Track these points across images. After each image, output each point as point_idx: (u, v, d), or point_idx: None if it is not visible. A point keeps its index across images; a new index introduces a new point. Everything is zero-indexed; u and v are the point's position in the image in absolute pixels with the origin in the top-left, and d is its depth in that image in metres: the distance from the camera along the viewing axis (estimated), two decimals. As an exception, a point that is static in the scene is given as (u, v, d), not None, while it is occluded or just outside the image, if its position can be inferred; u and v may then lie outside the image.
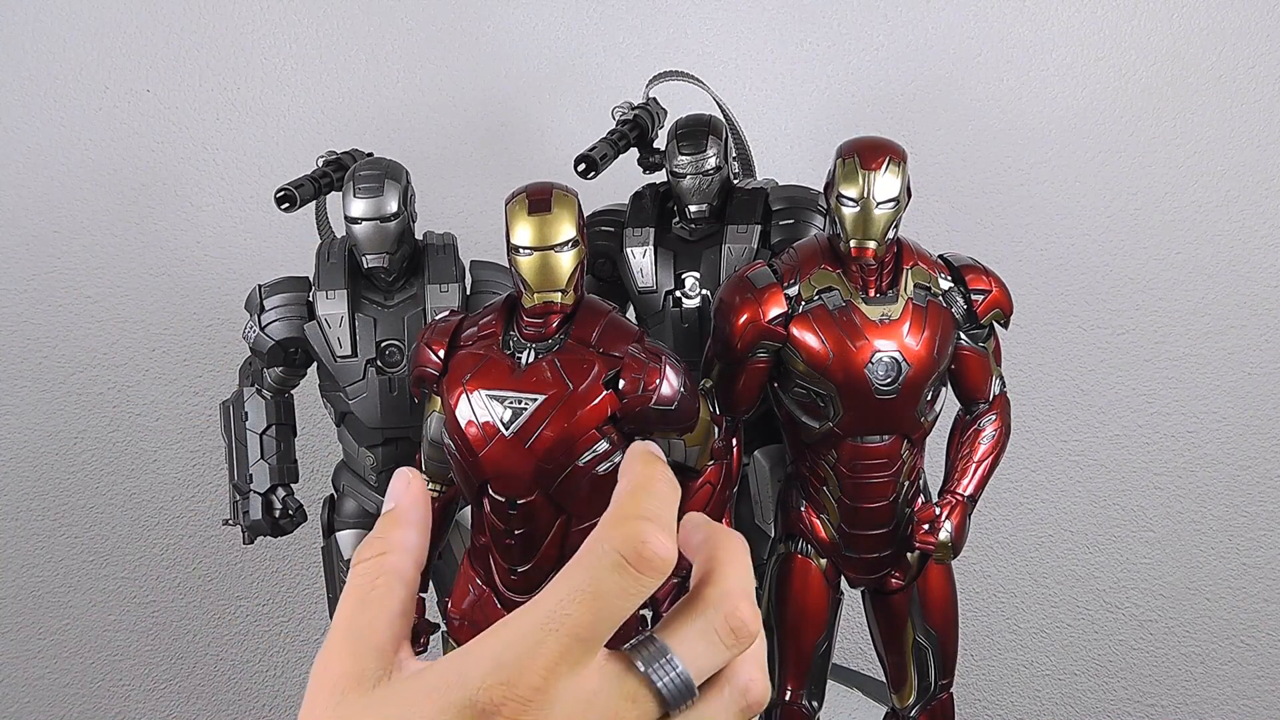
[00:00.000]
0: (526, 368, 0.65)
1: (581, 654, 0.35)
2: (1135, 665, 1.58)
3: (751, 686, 0.39)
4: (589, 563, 0.36)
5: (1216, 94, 1.41)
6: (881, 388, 0.89)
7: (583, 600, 0.36)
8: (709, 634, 0.38)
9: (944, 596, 1.01)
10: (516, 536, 0.64)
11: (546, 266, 0.65)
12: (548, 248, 0.66)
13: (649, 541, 0.36)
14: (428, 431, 0.71)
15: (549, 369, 0.64)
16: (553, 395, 0.63)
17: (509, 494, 0.64)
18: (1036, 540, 1.57)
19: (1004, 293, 0.94)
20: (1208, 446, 1.50)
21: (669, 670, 0.37)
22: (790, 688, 1.00)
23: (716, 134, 1.03)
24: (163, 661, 1.63)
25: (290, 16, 1.46)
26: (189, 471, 1.57)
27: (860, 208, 0.87)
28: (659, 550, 0.36)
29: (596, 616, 0.36)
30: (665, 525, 0.37)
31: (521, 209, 0.67)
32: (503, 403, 0.63)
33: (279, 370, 1.08)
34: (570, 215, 0.67)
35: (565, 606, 0.36)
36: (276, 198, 1.01)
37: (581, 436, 0.63)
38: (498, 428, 0.63)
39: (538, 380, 0.64)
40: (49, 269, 1.50)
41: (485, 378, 0.65)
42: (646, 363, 0.66)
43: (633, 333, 0.68)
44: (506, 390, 0.64)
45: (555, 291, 0.66)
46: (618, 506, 0.38)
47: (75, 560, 1.58)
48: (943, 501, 0.94)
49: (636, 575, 0.36)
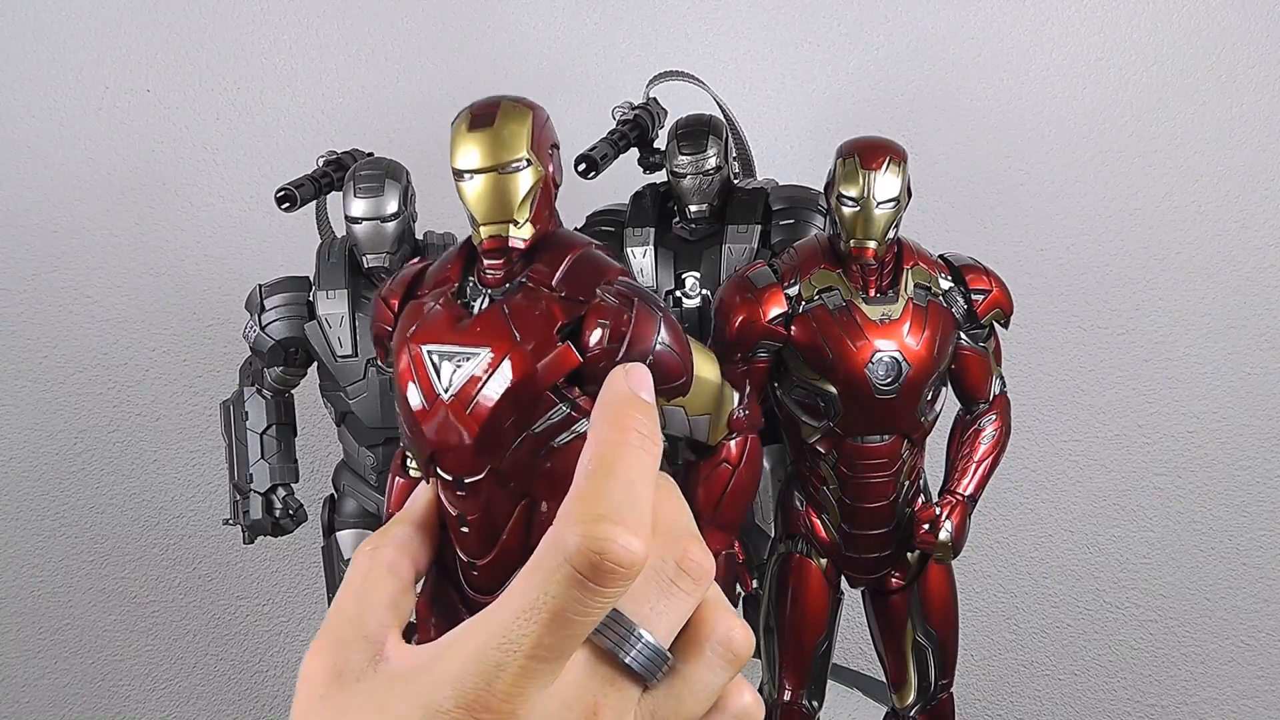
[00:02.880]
0: (473, 318, 0.52)
1: (547, 672, 0.33)
2: (1135, 665, 1.58)
3: (733, 636, 0.36)
4: (543, 574, 0.33)
5: (1216, 94, 1.41)
6: (882, 388, 0.89)
7: (539, 619, 0.32)
8: (666, 587, 0.35)
9: (944, 596, 1.01)
10: (471, 524, 0.51)
11: (494, 191, 0.53)
12: (491, 168, 0.53)
13: (609, 550, 0.32)
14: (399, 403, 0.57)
15: (495, 317, 0.52)
16: (497, 349, 0.51)
17: (455, 471, 0.51)
18: (1036, 540, 1.57)
19: (1004, 293, 0.94)
20: (1208, 446, 1.50)
21: (636, 643, 0.34)
22: (790, 688, 1.00)
23: (716, 134, 1.04)
24: (163, 661, 1.63)
25: (290, 16, 1.46)
26: (189, 471, 1.57)
27: (860, 208, 0.87)
28: (622, 557, 0.32)
29: (557, 635, 0.32)
30: (633, 518, 0.33)
31: (460, 126, 0.54)
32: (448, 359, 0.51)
33: (279, 370, 1.08)
34: (521, 129, 0.53)
35: (522, 625, 0.32)
36: (277, 197, 1.01)
37: (534, 399, 0.50)
38: (438, 391, 0.51)
39: (483, 331, 0.51)
40: (49, 269, 1.50)
41: (429, 330, 0.52)
42: (615, 307, 0.52)
43: (607, 270, 0.54)
44: (447, 344, 0.51)
45: (505, 223, 0.53)
46: (575, 497, 0.34)
47: (75, 560, 1.58)
48: (943, 501, 0.95)
49: (597, 590, 0.32)
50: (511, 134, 0.53)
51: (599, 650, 0.34)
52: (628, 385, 0.38)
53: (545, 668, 0.33)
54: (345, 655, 0.37)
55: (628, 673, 0.34)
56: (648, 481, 0.35)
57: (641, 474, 0.34)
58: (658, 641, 0.35)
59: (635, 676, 0.35)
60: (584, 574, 0.32)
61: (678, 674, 0.36)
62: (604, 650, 0.34)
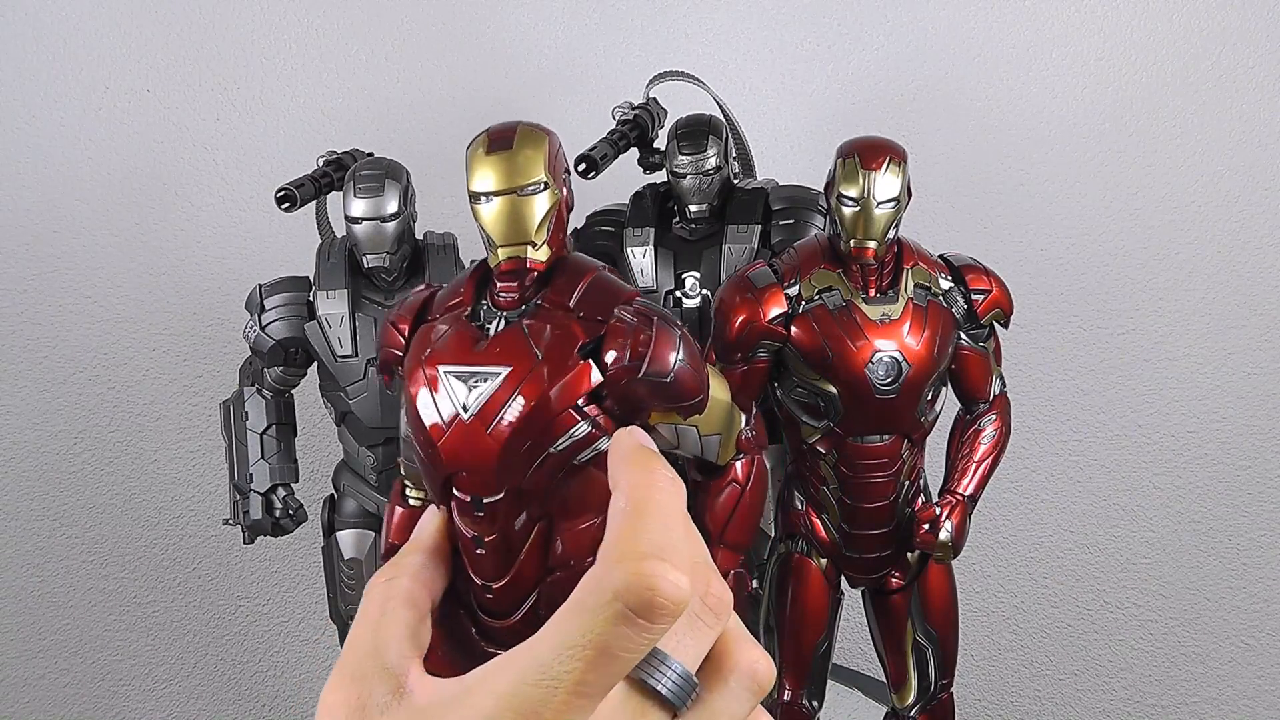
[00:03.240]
0: (491, 338, 0.53)
1: (587, 709, 0.32)
2: (1135, 665, 1.58)
3: (757, 667, 0.37)
4: (589, 611, 0.32)
5: (1217, 94, 1.41)
6: (882, 388, 0.89)
7: (584, 656, 0.32)
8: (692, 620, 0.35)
9: (944, 596, 1.01)
10: (488, 545, 0.52)
11: (512, 213, 0.54)
12: (509, 191, 0.54)
13: (659, 587, 0.32)
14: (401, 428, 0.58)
15: (515, 338, 0.53)
16: (518, 368, 0.52)
17: (474, 492, 0.52)
18: (1036, 540, 1.57)
19: (1004, 293, 0.94)
20: (1208, 446, 1.50)
21: (669, 672, 0.34)
22: (790, 688, 1.00)
23: (716, 134, 1.04)
24: (163, 661, 1.63)
25: (290, 16, 1.46)
26: (189, 471, 1.57)
27: (860, 207, 0.87)
28: (671, 594, 0.32)
29: (602, 672, 0.32)
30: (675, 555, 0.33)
31: (478, 149, 0.56)
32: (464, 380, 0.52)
33: (279, 370, 1.08)
34: (539, 154, 0.55)
35: (565, 662, 0.32)
36: (277, 197, 1.01)
37: (555, 417, 0.51)
38: (457, 411, 0.52)
39: (502, 351, 0.52)
40: (49, 269, 1.50)
41: (446, 352, 0.53)
42: (635, 325, 0.53)
43: (622, 293, 0.55)
44: (466, 365, 0.52)
45: (523, 245, 0.54)
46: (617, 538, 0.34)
47: (75, 560, 1.58)
48: (943, 501, 0.95)
49: (646, 626, 0.32)
50: (528, 158, 0.55)
51: (632, 680, 0.34)
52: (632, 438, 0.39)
53: (585, 704, 0.32)
54: (367, 689, 0.36)
55: (659, 701, 0.35)
56: (681, 520, 0.35)
57: (675, 513, 0.35)
58: (688, 670, 0.35)
59: (667, 705, 0.35)
60: (635, 610, 0.32)
61: (703, 703, 0.36)
62: (636, 680, 0.34)
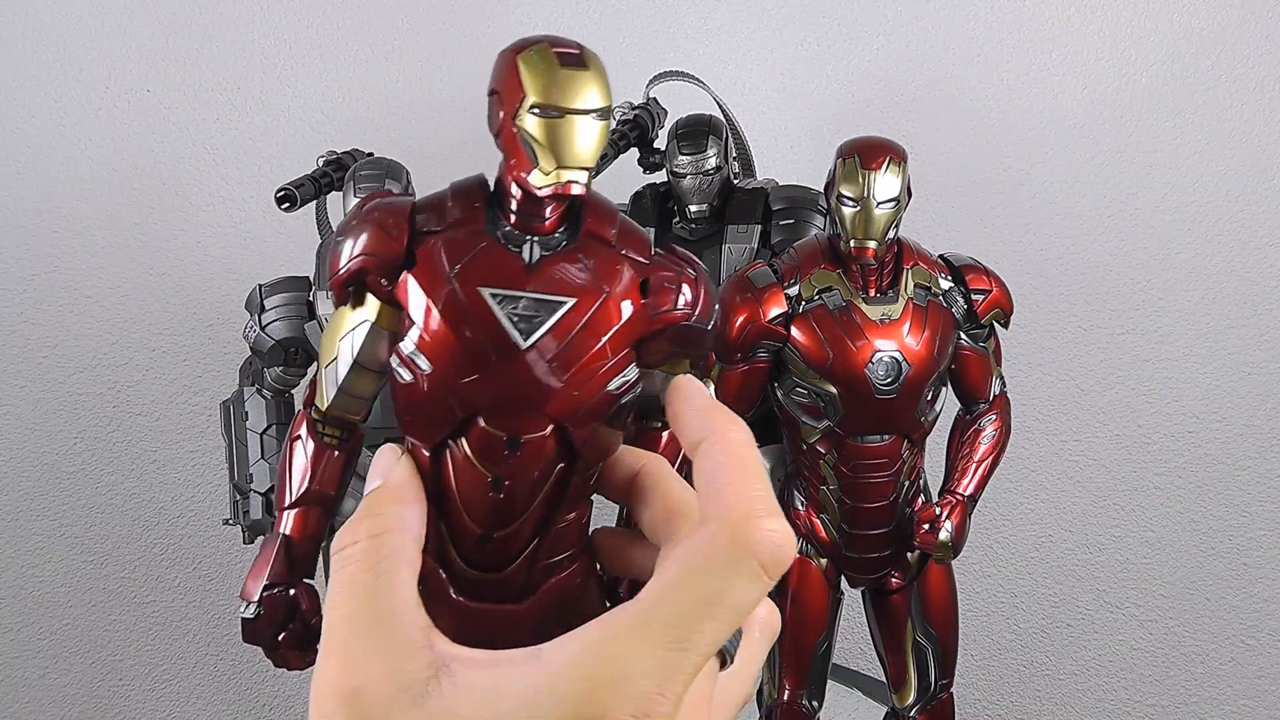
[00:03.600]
0: (539, 264, 0.49)
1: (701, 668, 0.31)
2: (1135, 665, 1.58)
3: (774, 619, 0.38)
4: (722, 570, 0.32)
5: (1217, 94, 1.41)
6: (882, 388, 0.89)
7: (716, 614, 0.31)
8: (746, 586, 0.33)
9: (944, 596, 1.01)
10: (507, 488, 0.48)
11: (576, 134, 0.50)
12: (580, 111, 0.50)
13: (785, 545, 0.32)
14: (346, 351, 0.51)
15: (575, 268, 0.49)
16: (585, 299, 0.48)
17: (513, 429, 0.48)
18: (1036, 540, 1.57)
19: (1004, 293, 0.94)
20: (1208, 446, 1.50)
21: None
22: (790, 687, 1.00)
23: (716, 134, 1.04)
24: (163, 661, 1.63)
25: (290, 16, 1.46)
26: (189, 471, 1.57)
27: (861, 207, 0.87)
28: (791, 551, 0.32)
29: (729, 630, 0.32)
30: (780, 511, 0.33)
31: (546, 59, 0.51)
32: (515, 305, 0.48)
33: (279, 370, 1.08)
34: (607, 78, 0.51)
35: (696, 622, 0.31)
36: (277, 197, 1.01)
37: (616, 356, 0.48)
38: (510, 337, 0.48)
39: (562, 280, 0.48)
40: (49, 269, 1.50)
41: (484, 271, 0.48)
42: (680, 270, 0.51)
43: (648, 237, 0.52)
44: (519, 289, 0.48)
45: (580, 170, 0.50)
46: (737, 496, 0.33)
47: (75, 560, 1.58)
48: (943, 501, 0.95)
49: (769, 581, 0.32)
50: (602, 79, 0.50)
51: None
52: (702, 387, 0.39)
53: (706, 661, 0.31)
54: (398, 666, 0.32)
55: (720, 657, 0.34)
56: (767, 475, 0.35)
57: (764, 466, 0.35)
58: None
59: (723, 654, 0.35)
60: (765, 567, 0.32)
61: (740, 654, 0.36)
62: None
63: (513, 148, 0.51)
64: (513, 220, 0.50)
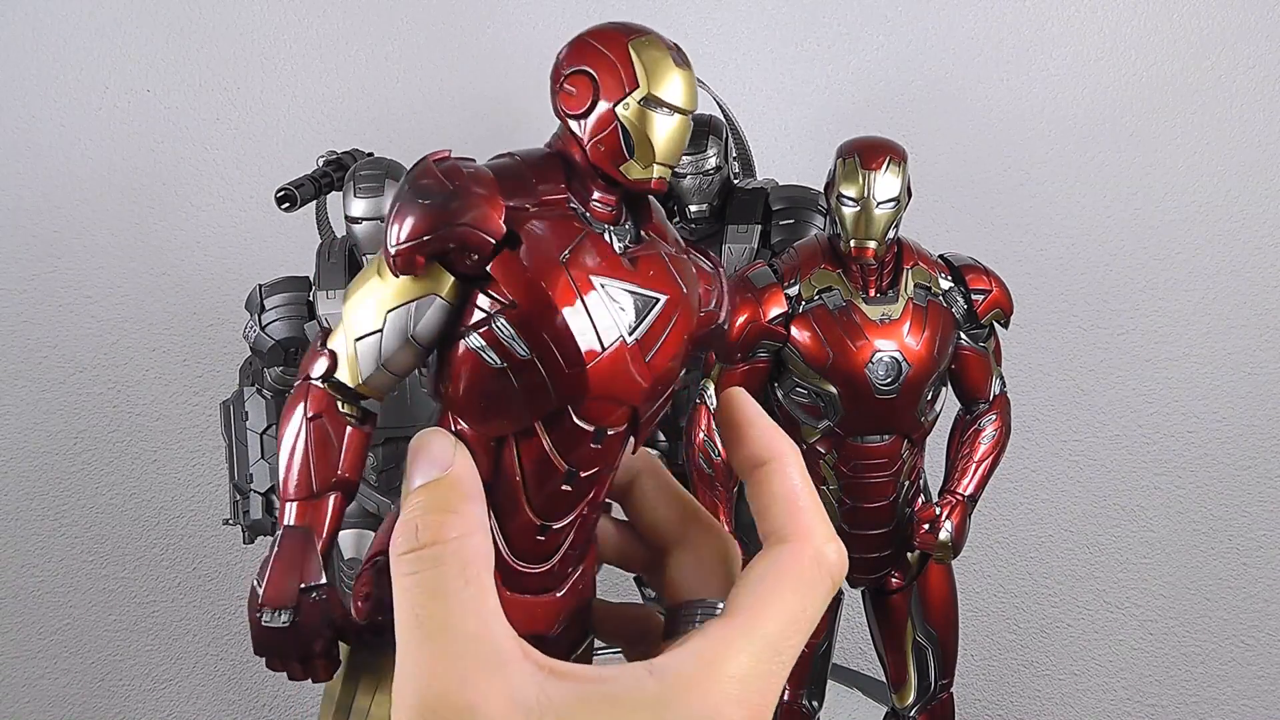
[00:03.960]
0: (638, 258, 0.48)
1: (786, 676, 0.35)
2: (1135, 665, 1.58)
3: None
4: (805, 587, 0.35)
5: (1217, 94, 1.41)
6: (882, 388, 0.89)
7: (803, 628, 0.35)
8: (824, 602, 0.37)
9: (944, 596, 1.01)
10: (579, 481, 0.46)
11: (680, 133, 0.51)
12: (687, 111, 0.51)
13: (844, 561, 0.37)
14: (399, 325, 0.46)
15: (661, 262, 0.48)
16: (674, 296, 0.47)
17: (605, 422, 0.46)
18: (1036, 540, 1.57)
19: (1004, 293, 0.94)
20: (1208, 446, 1.50)
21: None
22: (790, 688, 1.00)
23: (716, 134, 1.04)
24: (163, 661, 1.63)
25: (290, 16, 1.46)
26: (189, 471, 1.57)
27: (860, 207, 0.87)
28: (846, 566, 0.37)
29: (805, 640, 0.35)
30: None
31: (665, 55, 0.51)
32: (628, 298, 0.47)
33: (279, 370, 1.08)
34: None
35: (789, 637, 0.34)
36: (277, 197, 1.01)
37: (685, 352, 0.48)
38: (621, 333, 0.46)
39: (656, 275, 0.47)
40: (49, 269, 1.50)
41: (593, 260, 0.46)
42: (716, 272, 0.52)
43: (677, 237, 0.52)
44: (624, 281, 0.46)
45: (669, 167, 0.50)
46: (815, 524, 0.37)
47: (75, 560, 1.58)
48: (943, 501, 0.95)
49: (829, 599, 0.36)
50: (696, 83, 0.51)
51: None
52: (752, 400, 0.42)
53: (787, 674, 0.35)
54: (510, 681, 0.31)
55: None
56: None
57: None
58: None
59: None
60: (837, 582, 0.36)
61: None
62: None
63: (606, 134, 0.50)
64: (593, 207, 0.49)
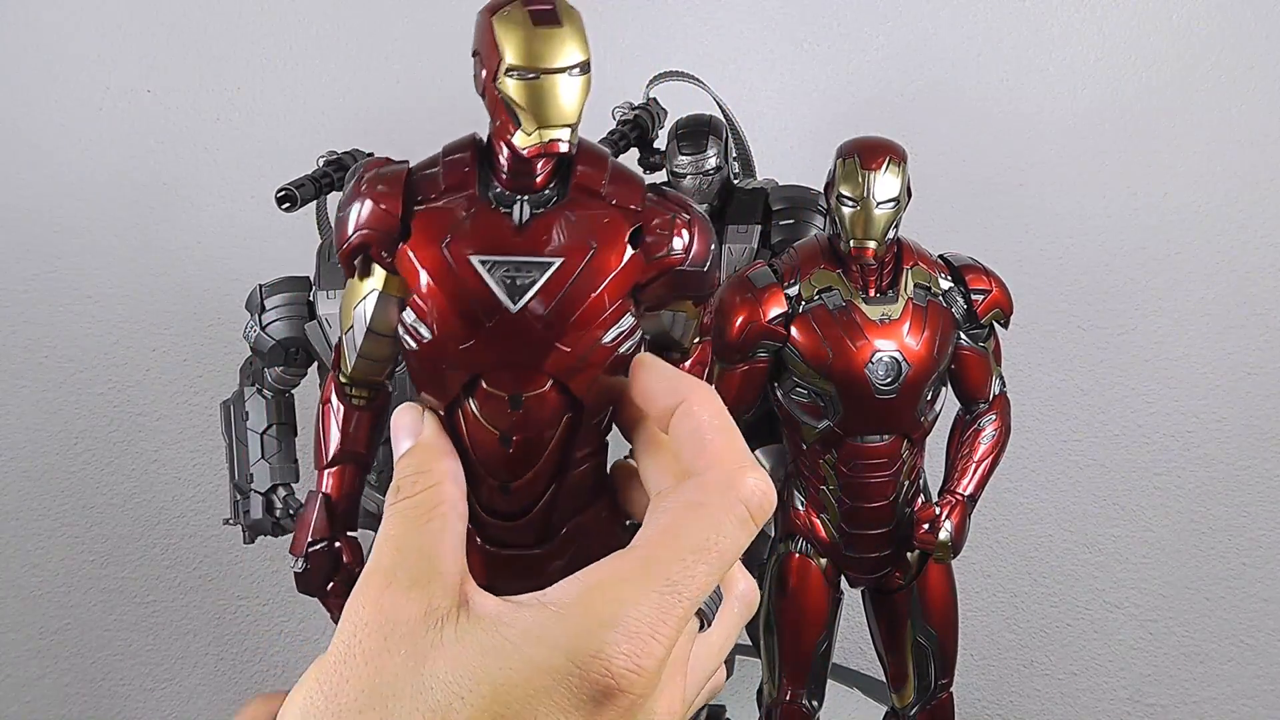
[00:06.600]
0: (528, 224, 0.50)
1: (690, 616, 0.34)
2: (1135, 665, 1.58)
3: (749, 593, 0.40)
4: (714, 519, 0.34)
5: (1217, 94, 1.41)
6: (881, 388, 0.89)
7: (707, 559, 0.33)
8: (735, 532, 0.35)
9: (944, 596, 1.01)
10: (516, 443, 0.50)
11: (554, 93, 0.50)
12: (557, 70, 0.50)
13: (769, 493, 0.35)
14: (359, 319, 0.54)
15: (562, 225, 0.50)
16: (572, 258, 0.49)
17: (513, 388, 0.49)
18: (1036, 540, 1.57)
19: (1004, 293, 0.94)
20: (1207, 446, 1.50)
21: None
22: (790, 687, 1.00)
23: (716, 134, 1.04)
24: (163, 661, 1.63)
25: (290, 17, 1.46)
26: (189, 471, 1.57)
27: (860, 208, 0.87)
28: (773, 500, 0.35)
29: (716, 577, 0.34)
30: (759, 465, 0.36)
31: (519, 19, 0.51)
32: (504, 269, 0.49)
33: (279, 370, 1.08)
34: (582, 31, 0.52)
35: (689, 566, 0.33)
36: (277, 198, 1.01)
37: (609, 309, 0.49)
38: (500, 302, 0.49)
39: (549, 239, 0.49)
40: (49, 269, 1.50)
41: (474, 238, 0.49)
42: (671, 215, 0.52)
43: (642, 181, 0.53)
44: (507, 253, 0.49)
45: (562, 128, 0.50)
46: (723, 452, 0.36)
47: (75, 560, 1.58)
48: (943, 501, 0.95)
49: (754, 529, 0.35)
50: (577, 33, 0.51)
51: None
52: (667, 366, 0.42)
53: (694, 609, 0.33)
54: (427, 597, 0.35)
55: (700, 618, 0.36)
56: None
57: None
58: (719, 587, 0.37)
59: (703, 617, 0.36)
60: (754, 514, 0.34)
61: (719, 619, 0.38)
62: None
63: (496, 110, 0.52)
64: (504, 180, 0.51)
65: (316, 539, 0.55)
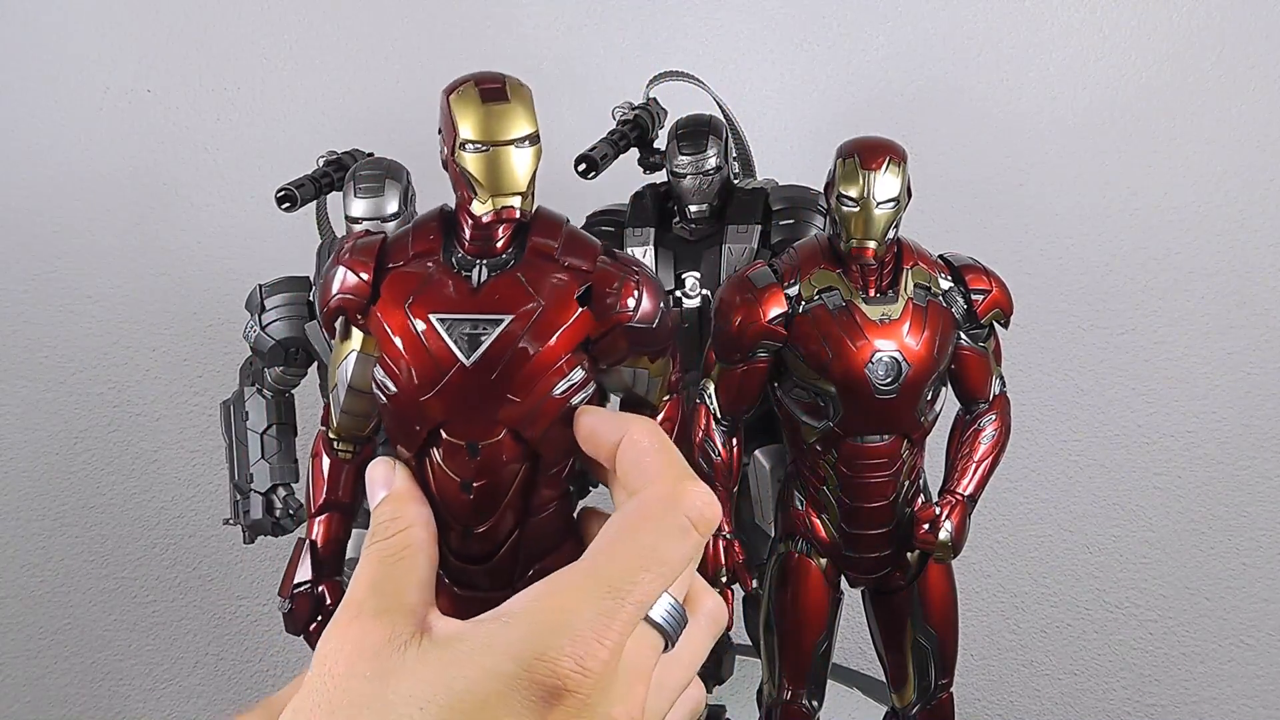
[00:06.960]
0: (483, 285, 0.55)
1: (637, 621, 0.35)
2: (1135, 665, 1.58)
3: (721, 611, 0.41)
4: (654, 528, 0.36)
5: (1217, 94, 1.41)
6: (881, 388, 0.89)
7: (650, 567, 0.35)
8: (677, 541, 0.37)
9: (944, 596, 1.01)
10: (476, 489, 0.54)
11: (505, 164, 0.56)
12: (506, 142, 0.56)
13: (711, 503, 0.37)
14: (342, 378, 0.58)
15: (512, 285, 0.54)
16: (522, 315, 0.53)
17: (470, 438, 0.54)
18: (1036, 540, 1.57)
19: (1004, 293, 0.94)
20: (1207, 446, 1.50)
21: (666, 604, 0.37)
22: (790, 687, 1.00)
23: (716, 134, 1.04)
24: (163, 661, 1.63)
25: (290, 17, 1.46)
26: (189, 471, 1.57)
27: (860, 208, 0.87)
28: (717, 510, 0.37)
29: (661, 583, 0.36)
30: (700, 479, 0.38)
31: (471, 98, 0.57)
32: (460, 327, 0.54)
33: (279, 370, 1.08)
34: (529, 106, 0.57)
35: (633, 574, 0.35)
36: (277, 198, 1.01)
37: (558, 363, 0.54)
38: (456, 357, 0.53)
39: (501, 298, 0.54)
40: (49, 269, 1.50)
41: (433, 299, 0.54)
42: (622, 275, 0.56)
43: (596, 244, 0.58)
44: (462, 312, 0.54)
45: (513, 195, 0.56)
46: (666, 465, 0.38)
47: (75, 560, 1.58)
48: (943, 501, 0.95)
49: (699, 539, 0.37)
50: (524, 109, 0.56)
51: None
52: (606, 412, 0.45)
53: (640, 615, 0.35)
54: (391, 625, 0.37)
55: (660, 630, 0.38)
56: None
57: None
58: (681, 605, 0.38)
59: (665, 634, 0.38)
60: (696, 524, 0.37)
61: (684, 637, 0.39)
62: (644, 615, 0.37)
63: (458, 182, 0.57)
64: (466, 246, 0.56)
65: (301, 582, 0.59)
